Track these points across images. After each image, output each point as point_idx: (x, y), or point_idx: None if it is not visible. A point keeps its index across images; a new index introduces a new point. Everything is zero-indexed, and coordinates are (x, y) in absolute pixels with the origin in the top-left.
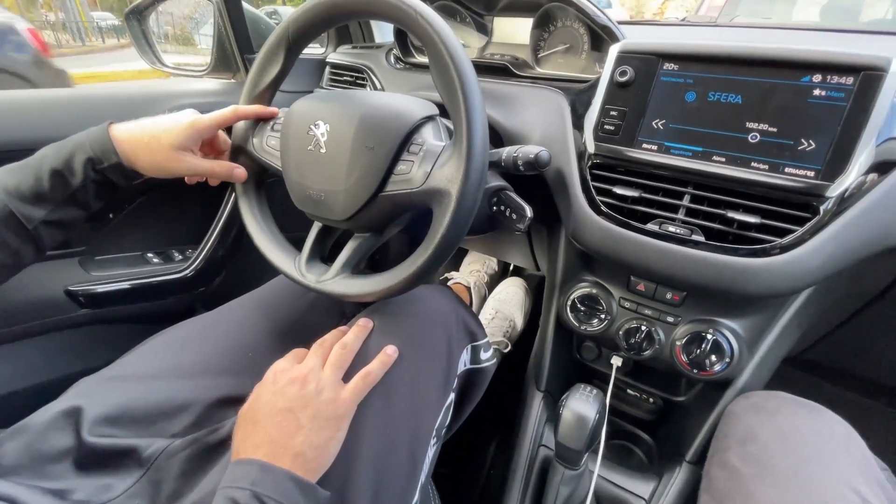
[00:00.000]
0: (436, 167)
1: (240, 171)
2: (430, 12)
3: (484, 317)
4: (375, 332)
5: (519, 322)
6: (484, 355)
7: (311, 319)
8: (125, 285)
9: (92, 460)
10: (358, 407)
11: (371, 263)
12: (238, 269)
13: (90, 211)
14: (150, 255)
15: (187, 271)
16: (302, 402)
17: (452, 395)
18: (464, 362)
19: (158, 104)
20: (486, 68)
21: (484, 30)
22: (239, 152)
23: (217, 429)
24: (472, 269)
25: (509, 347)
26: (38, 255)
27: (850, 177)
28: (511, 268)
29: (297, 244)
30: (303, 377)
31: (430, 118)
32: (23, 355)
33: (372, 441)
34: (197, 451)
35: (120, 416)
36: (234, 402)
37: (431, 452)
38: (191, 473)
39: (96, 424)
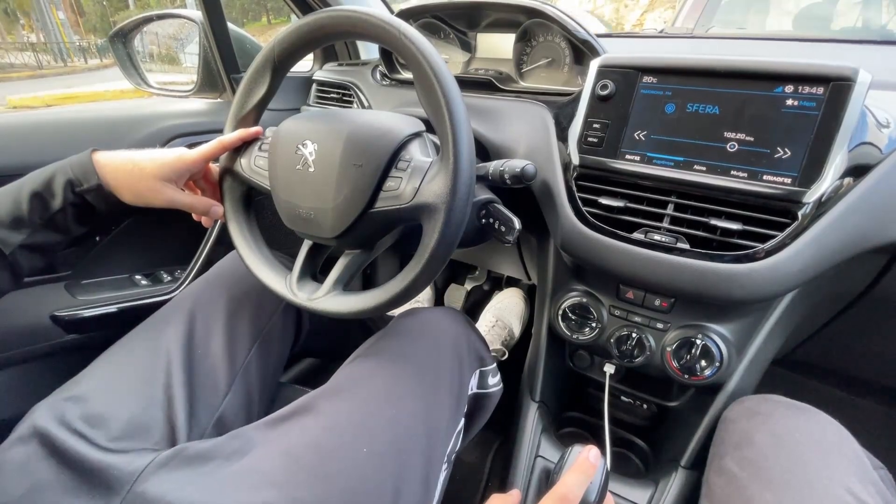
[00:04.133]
0: (424, 183)
1: (217, 209)
2: (413, 32)
3: (484, 325)
4: (387, 356)
5: (517, 330)
6: (492, 381)
7: (255, 301)
8: (113, 309)
9: (71, 484)
10: (374, 432)
11: (364, 280)
12: None
13: (70, 236)
14: (137, 277)
15: (177, 293)
16: None
17: (463, 421)
18: (472, 387)
19: (145, 125)
20: (470, 83)
21: (467, 46)
22: (227, 173)
23: (199, 440)
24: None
25: (506, 356)
26: (15, 281)
27: (826, 182)
28: (505, 278)
29: (288, 263)
30: None
31: (416, 135)
32: (6, 383)
33: (387, 468)
34: (183, 460)
35: (88, 434)
36: (193, 402)
37: (442, 478)
38: (175, 487)
39: (68, 444)
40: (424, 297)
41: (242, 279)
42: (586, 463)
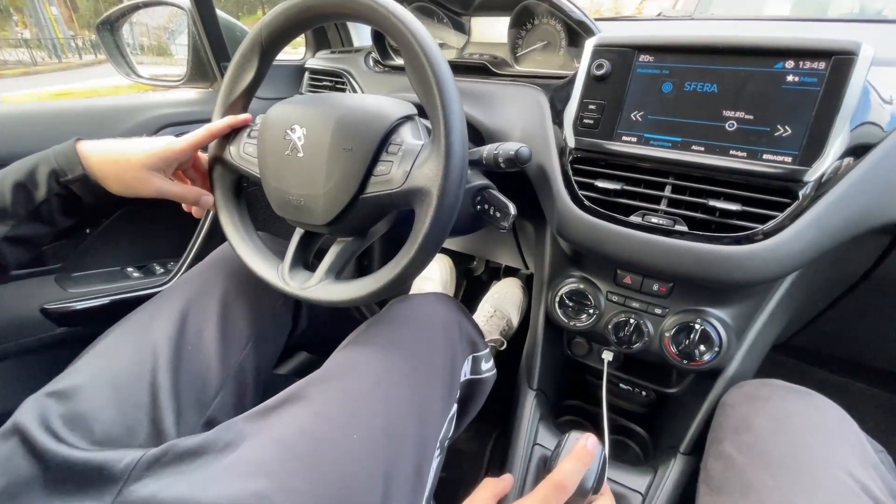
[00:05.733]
0: (415, 166)
1: (207, 198)
2: (402, 10)
3: (483, 315)
4: (378, 342)
5: (515, 320)
6: (485, 366)
7: (251, 296)
8: (105, 301)
9: (62, 481)
10: (365, 419)
11: (359, 269)
12: None
13: (57, 228)
14: (129, 269)
15: (168, 284)
16: None
17: (455, 406)
18: (465, 372)
19: (134, 115)
20: (465, 68)
21: (462, 29)
22: (216, 162)
23: (194, 436)
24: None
25: (504, 345)
26: (0, 274)
27: (827, 161)
28: (503, 268)
29: (282, 252)
30: None
31: (408, 118)
32: None
33: (378, 454)
34: (174, 456)
35: (74, 432)
36: (182, 398)
37: (436, 464)
38: (170, 479)
39: (53, 442)
40: (440, 284)
41: (238, 271)
42: (583, 451)
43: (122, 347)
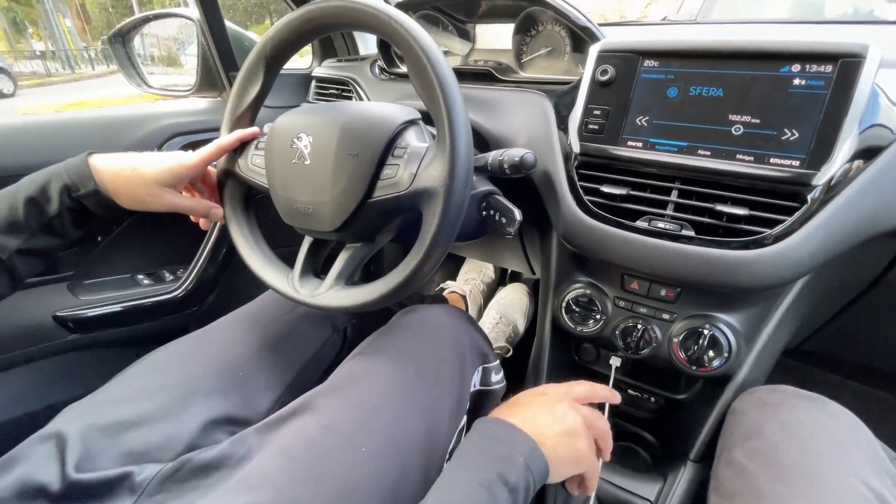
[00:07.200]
0: (421, 168)
1: (217, 211)
2: (403, 16)
3: (488, 322)
4: (387, 353)
5: (521, 326)
6: (494, 377)
7: (300, 332)
8: (116, 308)
9: (82, 491)
10: (373, 431)
11: (367, 277)
12: (230, 286)
13: (68, 240)
14: (140, 276)
15: (178, 291)
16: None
17: (465, 419)
18: (474, 383)
19: (144, 124)
20: (470, 75)
21: (467, 36)
22: (226, 175)
23: (208, 448)
24: (468, 278)
25: (510, 352)
26: (13, 285)
27: (836, 164)
28: (508, 273)
29: (292, 260)
30: (585, 447)
31: (412, 122)
32: (10, 384)
33: (386, 465)
34: (189, 471)
35: (108, 443)
36: (225, 423)
37: None
38: (184, 495)
39: (84, 453)
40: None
41: (290, 311)
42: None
43: (172, 366)
